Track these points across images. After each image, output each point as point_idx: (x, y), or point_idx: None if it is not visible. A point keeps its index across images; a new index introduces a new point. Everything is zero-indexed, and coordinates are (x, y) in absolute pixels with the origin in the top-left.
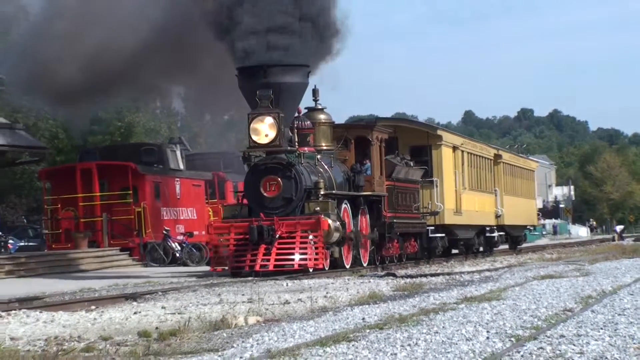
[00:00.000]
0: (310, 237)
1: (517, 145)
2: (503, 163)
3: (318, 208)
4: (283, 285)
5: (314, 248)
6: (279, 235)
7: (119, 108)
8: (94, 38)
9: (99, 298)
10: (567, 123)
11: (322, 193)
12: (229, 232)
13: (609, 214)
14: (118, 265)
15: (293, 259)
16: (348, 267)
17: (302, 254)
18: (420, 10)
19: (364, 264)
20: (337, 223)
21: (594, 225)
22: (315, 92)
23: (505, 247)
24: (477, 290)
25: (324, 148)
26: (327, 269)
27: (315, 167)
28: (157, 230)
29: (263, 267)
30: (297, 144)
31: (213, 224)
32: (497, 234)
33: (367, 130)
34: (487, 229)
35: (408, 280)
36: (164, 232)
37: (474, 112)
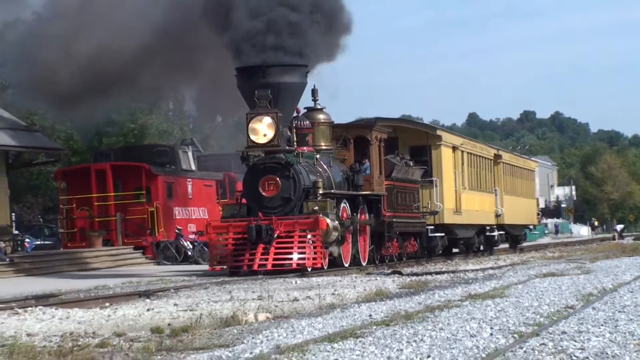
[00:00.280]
0: (309, 236)
1: (519, 147)
2: (503, 163)
3: (317, 207)
4: (292, 283)
5: (313, 247)
6: (277, 235)
7: (132, 110)
8: (94, 39)
9: (113, 295)
10: (568, 125)
11: (320, 192)
12: (228, 231)
13: (610, 214)
14: (132, 264)
15: (291, 259)
16: (347, 265)
17: (300, 254)
18: (427, 15)
19: (363, 263)
20: (335, 222)
21: (596, 225)
22: (315, 92)
23: (506, 246)
24: (480, 288)
25: (323, 148)
26: (325, 268)
27: (314, 166)
28: (169, 229)
29: (261, 266)
30: (295, 144)
31: (212, 224)
32: (497, 233)
33: (366, 130)
34: (487, 229)
35: (413, 278)
36: (176, 231)
37: (478, 114)
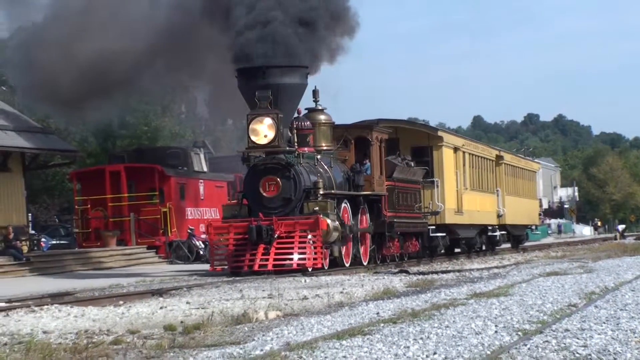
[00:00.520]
0: (309, 236)
1: (523, 149)
2: (505, 164)
3: (317, 208)
4: (301, 282)
5: (313, 247)
6: (278, 235)
7: (146, 113)
8: (97, 42)
9: (127, 294)
10: (571, 127)
11: (321, 193)
12: (229, 232)
13: (611, 214)
14: (145, 263)
15: (292, 259)
16: (348, 265)
17: (300, 254)
18: (433, 20)
19: (364, 263)
20: (336, 222)
21: (599, 225)
22: (316, 93)
23: (508, 245)
24: (485, 287)
25: (324, 148)
26: (326, 268)
27: (315, 167)
28: (182, 229)
29: (262, 266)
30: (296, 145)
31: (213, 224)
32: (499, 233)
33: (366, 131)
34: (489, 229)
35: (420, 277)
36: (189, 231)
37: (483, 117)
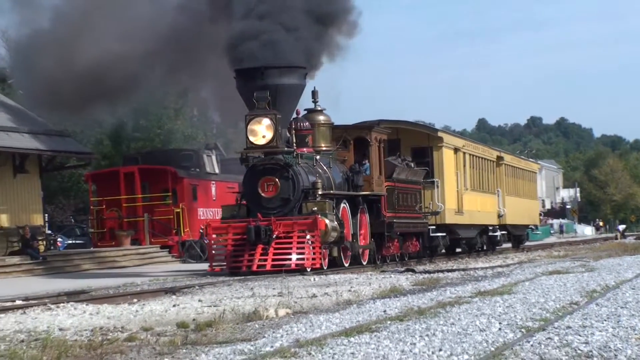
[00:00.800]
0: (308, 237)
1: (526, 151)
2: (505, 165)
3: (315, 208)
4: (310, 280)
5: (312, 248)
6: (276, 235)
7: (159, 116)
8: (98, 44)
9: (141, 292)
10: (573, 130)
11: (320, 193)
12: (227, 232)
13: (612, 215)
14: (158, 262)
15: (290, 259)
16: (347, 266)
17: (299, 254)
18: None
19: (364, 263)
20: (334, 223)
21: (601, 225)
22: (315, 93)
23: (508, 245)
24: (490, 285)
25: (323, 149)
26: (325, 268)
27: (314, 167)
28: (194, 229)
29: (260, 267)
30: (295, 145)
31: (211, 224)
32: (499, 233)
33: (365, 131)
34: (489, 229)
35: (426, 276)
36: (201, 230)
37: (487, 120)
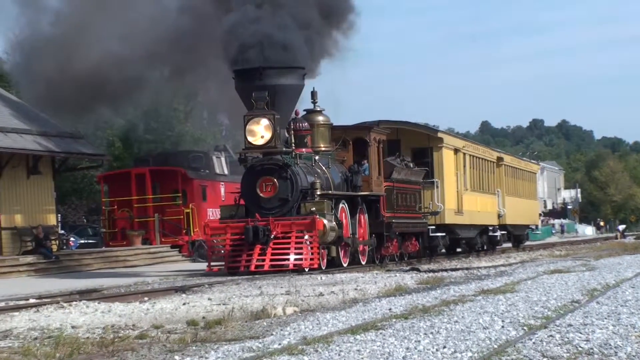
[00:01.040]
0: (306, 237)
1: (529, 152)
2: (505, 165)
3: (314, 208)
4: (317, 279)
5: (310, 248)
6: (274, 236)
7: (169, 119)
8: (99, 46)
9: (151, 290)
10: (574, 132)
11: (318, 193)
12: (226, 232)
13: (612, 215)
14: (169, 261)
15: (288, 259)
16: (345, 266)
17: (297, 254)
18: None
19: (363, 263)
20: (333, 223)
21: (602, 225)
22: (314, 94)
23: (508, 245)
24: (492, 284)
25: (322, 149)
26: (323, 269)
27: (312, 167)
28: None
29: (258, 267)
30: (293, 145)
31: (210, 224)
32: (499, 233)
33: (364, 132)
34: (489, 229)
35: (430, 275)
36: None
37: (490, 122)
